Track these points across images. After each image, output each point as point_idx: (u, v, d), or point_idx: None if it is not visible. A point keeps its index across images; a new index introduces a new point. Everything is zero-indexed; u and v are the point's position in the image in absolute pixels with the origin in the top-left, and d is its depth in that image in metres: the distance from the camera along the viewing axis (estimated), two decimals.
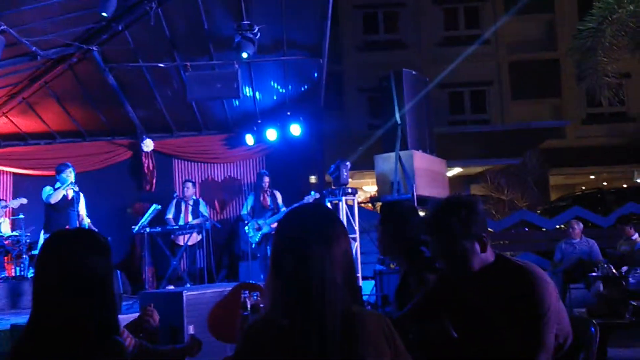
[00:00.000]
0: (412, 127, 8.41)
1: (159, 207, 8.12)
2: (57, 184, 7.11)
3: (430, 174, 8.67)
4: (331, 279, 1.57)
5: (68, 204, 7.05)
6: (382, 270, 7.63)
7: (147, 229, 8.08)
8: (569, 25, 18.23)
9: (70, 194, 7.08)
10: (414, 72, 8.70)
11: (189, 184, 8.87)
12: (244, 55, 7.39)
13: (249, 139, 9.92)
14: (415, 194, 7.81)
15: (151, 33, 7.79)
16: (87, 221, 7.21)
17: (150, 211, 8.07)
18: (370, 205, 11.36)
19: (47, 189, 7.11)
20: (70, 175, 7.06)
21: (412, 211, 3.06)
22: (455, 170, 17.30)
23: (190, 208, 8.67)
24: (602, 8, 12.27)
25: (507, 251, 9.80)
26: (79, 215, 7.06)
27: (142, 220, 7.99)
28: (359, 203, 8.78)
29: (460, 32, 20.29)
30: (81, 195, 7.18)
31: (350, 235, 7.92)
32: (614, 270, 6.65)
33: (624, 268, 7.03)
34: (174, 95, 9.07)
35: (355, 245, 8.03)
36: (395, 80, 8.35)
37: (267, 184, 8.74)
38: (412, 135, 8.37)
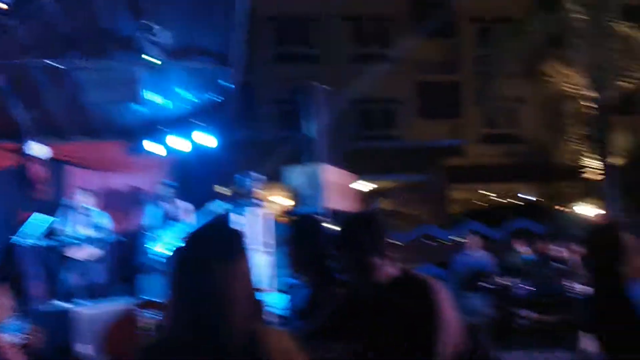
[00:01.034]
0: (323, 141, 8.43)
1: (51, 217, 7.57)
2: None
3: (341, 188, 8.71)
4: (232, 296, 1.56)
5: None
6: (296, 284, 7.49)
7: (35, 241, 7.49)
8: (470, 51, 19.24)
9: None
10: (324, 87, 8.73)
11: (84, 193, 8.32)
12: (150, 59, 7.06)
13: (155, 148, 9.49)
14: (325, 208, 7.79)
15: (44, 30, 7.27)
16: None
17: (38, 221, 7.49)
18: (286, 218, 11.26)
19: None
20: None
21: (320, 225, 3.10)
22: (365, 185, 17.61)
23: (85, 219, 8.14)
24: (500, 37, 13.12)
25: (411, 263, 10.01)
26: None
27: (30, 230, 7.41)
28: (274, 216, 8.69)
29: (371, 50, 20.81)
30: None
31: (265, 250, 7.76)
32: (503, 282, 7.02)
33: (514, 279, 7.43)
34: (68, 97, 8.50)
35: (270, 258, 7.89)
36: (306, 94, 8.36)
37: (171, 194, 8.39)
38: (322, 149, 8.39)
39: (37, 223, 7.33)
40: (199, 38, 8.01)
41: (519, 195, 21.93)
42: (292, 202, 8.47)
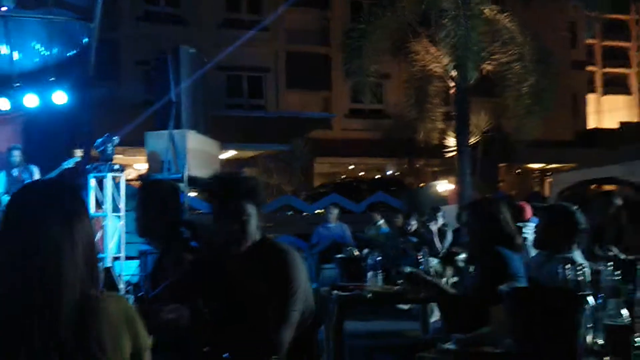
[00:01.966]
0: (188, 107, 8.28)
1: None
2: None
3: (203, 155, 8.66)
4: (70, 259, 1.46)
5: None
6: (148, 251, 7.41)
7: None
8: (342, 24, 19.65)
9: None
10: (191, 50, 8.55)
11: None
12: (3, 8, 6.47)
13: (3, 103, 8.79)
14: (186, 174, 7.73)
15: None
16: None
17: None
18: (139, 183, 10.94)
19: None
20: None
21: (172, 191, 3.01)
22: (229, 153, 17.52)
23: None
24: (370, 12, 13.41)
25: (271, 233, 10.23)
26: None
27: None
28: (127, 181, 8.38)
29: (242, 16, 20.52)
30: None
31: (116, 214, 7.52)
32: (357, 252, 7.39)
33: (365, 250, 7.85)
34: None
35: (121, 224, 7.65)
36: (172, 57, 8.13)
37: (19, 158, 7.78)
38: (186, 114, 8.24)
39: None
40: None
41: (382, 170, 22.97)
42: (150, 168, 8.28)
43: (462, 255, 5.55)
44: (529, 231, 4.61)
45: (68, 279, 1.45)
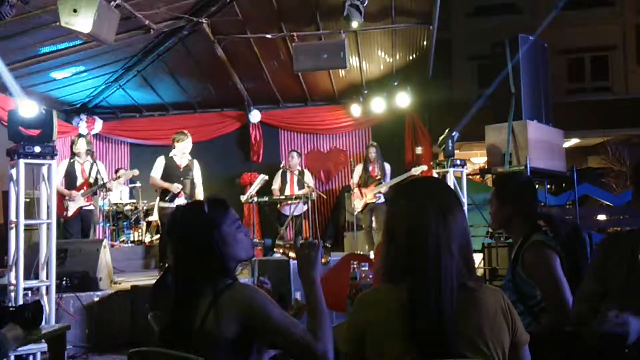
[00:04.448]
0: (527, 96, 7.98)
1: (266, 177, 8.28)
2: (174, 152, 7.13)
3: (546, 145, 8.20)
4: (447, 250, 1.55)
5: (181, 173, 7.04)
6: (491, 244, 7.40)
7: (255, 199, 8.28)
8: None
9: (184, 162, 7.10)
10: (531, 37, 8.19)
11: (295, 155, 8.95)
12: (354, 24, 7.18)
13: (355, 110, 9.88)
14: (529, 166, 7.43)
15: (259, 4, 7.86)
16: (199, 189, 7.13)
17: (257, 181, 8.25)
18: (479, 177, 10.98)
19: (160, 159, 7.12)
20: (186, 144, 7.06)
21: (528, 184, 2.96)
22: (572, 142, 16.29)
23: (295, 178, 8.78)
24: None
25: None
26: (193, 183, 7.08)
27: (250, 190, 8.19)
28: (467, 175, 8.50)
29: None
30: (196, 163, 7.16)
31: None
32: None
33: None
34: (280, 66, 9.16)
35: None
36: (510, 47, 7.91)
37: (374, 154, 8.60)
38: (527, 104, 7.94)
39: (258, 183, 8.04)
40: None
41: None
42: (490, 161, 8.19)
43: None
44: None
45: (446, 266, 1.54)
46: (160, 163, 7.12)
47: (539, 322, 2.52)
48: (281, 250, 2.26)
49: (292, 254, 2.12)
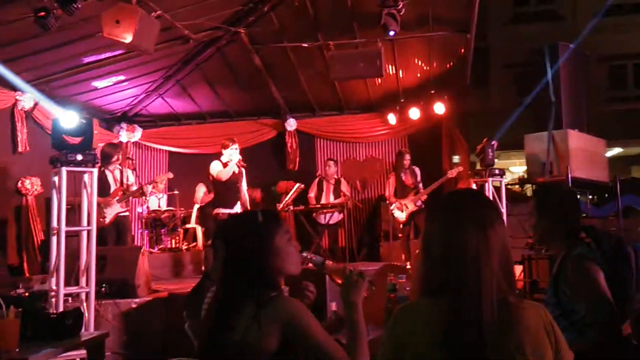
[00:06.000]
0: (568, 105, 7.84)
1: (302, 186, 8.29)
2: (223, 159, 7.06)
3: (587, 155, 8.02)
4: (487, 264, 1.52)
5: (235, 179, 7.01)
6: (531, 255, 7.23)
7: (291, 207, 8.30)
8: None
9: (236, 169, 7.02)
10: (571, 46, 8.03)
11: (331, 163, 8.95)
12: (391, 33, 7.13)
13: (391, 118, 9.82)
14: (570, 176, 7.26)
15: (296, 14, 7.89)
16: (246, 197, 7.13)
17: (293, 189, 8.27)
18: (518, 187, 10.78)
19: (216, 165, 7.05)
20: (236, 150, 7.03)
21: (571, 195, 2.90)
22: (615, 151, 15.87)
23: (331, 187, 8.77)
24: None
25: None
26: (240, 190, 7.06)
27: (287, 198, 8.22)
28: (506, 185, 8.35)
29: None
30: (243, 171, 7.10)
31: None
32: None
33: None
34: (316, 75, 9.18)
35: None
36: (550, 55, 7.78)
37: (408, 162, 8.52)
38: (567, 113, 7.81)
39: (294, 191, 8.05)
40: (435, 6, 7.84)
41: None
42: (529, 170, 8.04)
43: None
44: None
45: (486, 282, 1.51)
46: (222, 169, 7.02)
47: (583, 338, 2.44)
48: (327, 273, 2.28)
49: (338, 280, 2.14)
